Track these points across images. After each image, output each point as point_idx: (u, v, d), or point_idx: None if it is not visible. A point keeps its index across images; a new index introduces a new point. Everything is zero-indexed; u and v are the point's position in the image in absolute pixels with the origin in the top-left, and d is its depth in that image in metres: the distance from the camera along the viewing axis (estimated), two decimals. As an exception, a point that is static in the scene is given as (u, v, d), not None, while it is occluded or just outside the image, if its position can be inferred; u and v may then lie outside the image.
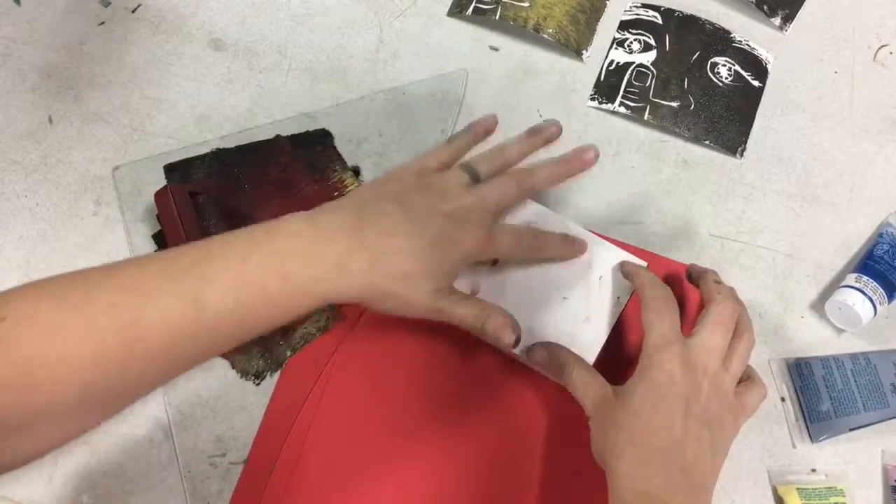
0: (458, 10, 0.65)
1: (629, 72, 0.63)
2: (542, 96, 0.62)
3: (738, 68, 0.63)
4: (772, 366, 0.53)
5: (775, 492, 0.50)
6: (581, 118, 0.62)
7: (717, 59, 0.63)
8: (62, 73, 0.63)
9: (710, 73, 0.63)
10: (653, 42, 0.64)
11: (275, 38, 0.65)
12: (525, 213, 0.51)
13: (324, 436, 0.50)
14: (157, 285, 0.36)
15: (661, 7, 0.65)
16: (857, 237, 0.58)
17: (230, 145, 0.59)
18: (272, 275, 0.38)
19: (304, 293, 0.39)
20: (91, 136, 0.61)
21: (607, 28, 0.65)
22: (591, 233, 0.51)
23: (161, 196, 0.54)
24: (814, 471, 0.51)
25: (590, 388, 0.45)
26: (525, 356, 0.48)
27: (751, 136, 0.61)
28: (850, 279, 0.54)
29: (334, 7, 0.66)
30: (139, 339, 0.35)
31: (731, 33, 0.64)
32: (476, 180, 0.46)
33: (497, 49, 0.64)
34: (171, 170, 0.58)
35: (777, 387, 0.53)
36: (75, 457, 0.51)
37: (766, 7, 0.65)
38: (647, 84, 0.62)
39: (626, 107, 0.61)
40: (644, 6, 0.66)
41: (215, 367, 0.53)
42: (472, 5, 0.65)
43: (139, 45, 0.64)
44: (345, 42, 0.65)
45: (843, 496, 0.49)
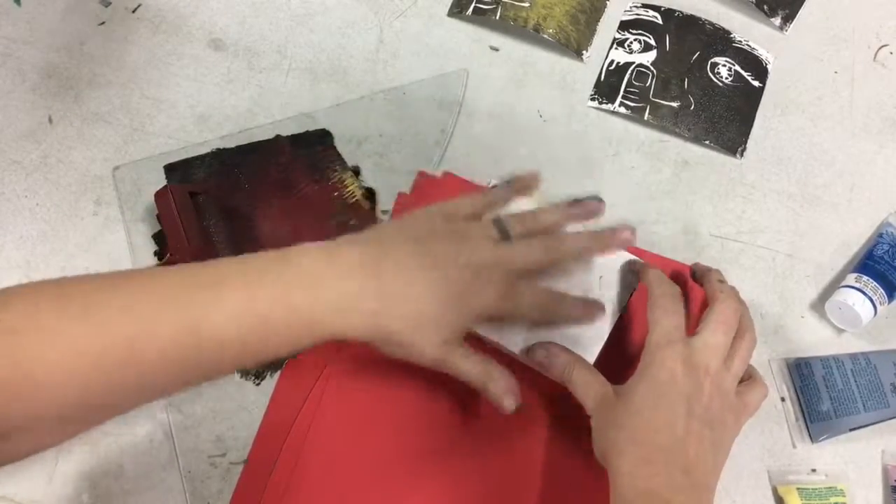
0: (458, 11, 0.65)
1: (629, 72, 0.63)
2: (543, 96, 0.62)
3: (738, 68, 0.63)
4: (772, 366, 0.53)
5: (775, 492, 0.50)
6: (581, 118, 0.62)
7: (717, 59, 0.63)
8: (62, 73, 0.63)
9: (710, 73, 0.63)
10: (653, 42, 0.64)
11: (275, 38, 0.65)
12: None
13: (324, 436, 0.50)
14: (163, 304, 0.36)
15: (661, 7, 0.65)
16: (857, 237, 0.58)
17: (230, 145, 0.59)
18: (279, 307, 0.38)
19: (309, 328, 0.39)
20: (91, 136, 0.61)
21: (607, 28, 0.65)
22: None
23: (161, 196, 0.54)
24: (814, 471, 0.51)
25: (590, 388, 0.45)
26: (525, 356, 0.48)
27: (751, 136, 0.61)
28: (850, 279, 0.54)
29: (334, 7, 0.66)
30: (140, 352, 0.35)
31: (731, 33, 0.64)
32: (506, 237, 0.44)
33: (497, 49, 0.64)
34: (171, 170, 0.58)
35: (777, 387, 0.53)
36: (75, 457, 0.50)
37: (766, 7, 0.65)
38: (648, 84, 0.62)
39: (627, 107, 0.61)
40: (644, 6, 0.66)
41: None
42: (473, 5, 0.65)
43: (139, 45, 0.64)
44: (345, 42, 0.65)
45: (843, 496, 0.49)
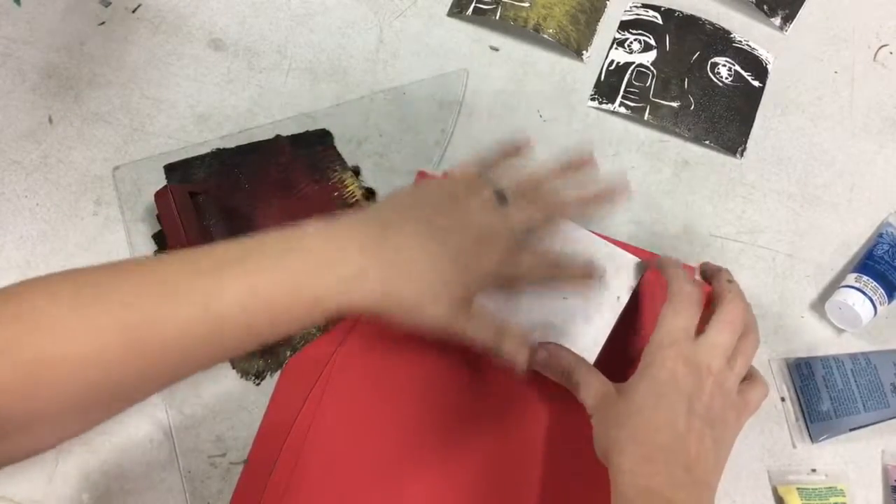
0: (458, 10, 0.65)
1: (629, 72, 0.63)
2: (543, 96, 0.62)
3: (738, 68, 0.63)
4: (772, 366, 0.53)
5: (775, 492, 0.50)
6: (581, 118, 0.62)
7: (717, 59, 0.63)
8: (62, 73, 0.63)
9: (710, 73, 0.63)
10: (653, 42, 0.64)
11: (275, 38, 0.65)
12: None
13: (324, 436, 0.50)
14: (167, 289, 0.36)
15: (661, 7, 0.65)
16: (857, 237, 0.58)
17: (230, 145, 0.59)
18: (282, 287, 0.38)
19: (313, 306, 0.39)
20: (91, 136, 0.61)
21: (607, 28, 0.65)
22: (591, 233, 0.51)
23: (161, 196, 0.54)
24: (814, 471, 0.51)
25: (591, 387, 0.45)
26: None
27: (751, 136, 0.61)
28: (850, 279, 0.54)
29: (334, 7, 0.66)
30: (142, 341, 0.35)
31: (731, 33, 0.64)
32: (503, 201, 0.45)
33: (497, 49, 0.64)
34: (171, 170, 0.58)
35: (777, 387, 0.53)
36: (75, 457, 0.50)
37: (766, 7, 0.65)
38: (648, 84, 0.62)
39: (627, 107, 0.61)
40: (644, 6, 0.66)
41: (215, 368, 0.53)
42: (473, 5, 0.65)
43: (139, 45, 0.64)
44: (345, 42, 0.65)
45: (843, 496, 0.49)
